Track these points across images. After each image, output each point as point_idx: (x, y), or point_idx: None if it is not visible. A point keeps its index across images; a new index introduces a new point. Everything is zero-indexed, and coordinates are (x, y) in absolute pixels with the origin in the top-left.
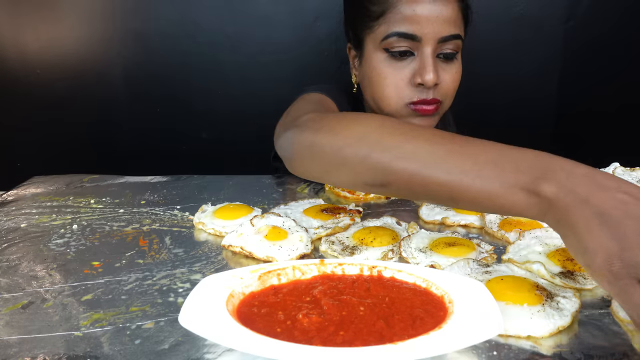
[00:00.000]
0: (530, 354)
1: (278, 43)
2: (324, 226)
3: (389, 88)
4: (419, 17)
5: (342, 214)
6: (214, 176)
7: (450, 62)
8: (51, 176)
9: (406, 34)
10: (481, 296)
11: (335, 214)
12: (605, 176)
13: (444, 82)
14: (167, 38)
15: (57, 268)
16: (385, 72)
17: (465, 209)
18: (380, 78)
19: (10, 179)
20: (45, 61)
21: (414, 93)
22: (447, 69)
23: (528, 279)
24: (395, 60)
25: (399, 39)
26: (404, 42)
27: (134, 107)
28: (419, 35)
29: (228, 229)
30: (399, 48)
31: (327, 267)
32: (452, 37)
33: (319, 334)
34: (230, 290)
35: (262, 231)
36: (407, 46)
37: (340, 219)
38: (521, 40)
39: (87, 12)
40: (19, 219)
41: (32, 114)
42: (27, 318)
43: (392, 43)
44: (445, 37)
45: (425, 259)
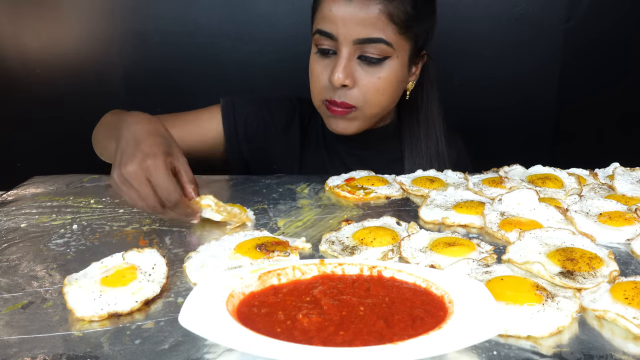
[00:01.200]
0: (530, 354)
1: (278, 43)
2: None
3: (313, 83)
4: (335, 17)
5: (278, 252)
6: (214, 176)
7: (374, 66)
8: (51, 176)
9: (325, 32)
10: (481, 296)
11: (269, 251)
12: (138, 132)
13: (363, 85)
14: (167, 38)
15: (57, 268)
16: (313, 68)
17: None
18: (310, 73)
19: (10, 179)
20: (45, 61)
21: (328, 91)
22: (369, 72)
23: (528, 279)
24: (322, 57)
25: (321, 36)
26: (325, 40)
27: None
28: (335, 34)
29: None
30: (322, 45)
31: (327, 267)
32: (370, 40)
33: (319, 334)
34: (230, 290)
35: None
36: (328, 45)
37: (272, 257)
38: (521, 40)
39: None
40: (19, 219)
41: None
42: (27, 318)
43: (317, 40)
44: (361, 39)
45: (425, 259)
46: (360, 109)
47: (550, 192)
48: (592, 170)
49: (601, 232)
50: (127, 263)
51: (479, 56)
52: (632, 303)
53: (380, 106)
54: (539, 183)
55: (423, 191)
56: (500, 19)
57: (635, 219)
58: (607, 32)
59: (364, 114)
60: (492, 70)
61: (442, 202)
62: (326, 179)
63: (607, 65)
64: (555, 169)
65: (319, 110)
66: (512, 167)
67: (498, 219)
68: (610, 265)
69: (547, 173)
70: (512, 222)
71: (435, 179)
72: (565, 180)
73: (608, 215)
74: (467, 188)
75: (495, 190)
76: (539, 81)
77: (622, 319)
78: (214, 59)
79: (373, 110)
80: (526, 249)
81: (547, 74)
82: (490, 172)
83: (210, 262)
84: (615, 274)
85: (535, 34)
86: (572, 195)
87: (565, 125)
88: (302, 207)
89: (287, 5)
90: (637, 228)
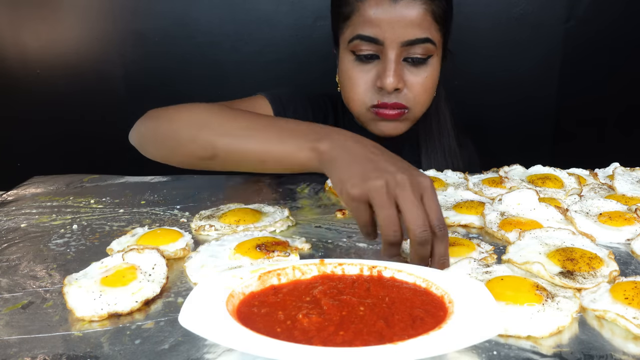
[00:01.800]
0: (530, 354)
1: (278, 43)
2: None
3: (354, 90)
4: (380, 20)
5: (277, 252)
6: (213, 176)
7: (419, 66)
8: (51, 176)
9: (369, 37)
10: (481, 296)
11: (269, 251)
12: (367, 140)
13: (411, 87)
14: (167, 38)
15: (57, 268)
16: (351, 74)
17: (271, 170)
18: (348, 80)
19: (10, 179)
20: (45, 61)
21: (376, 96)
22: (416, 72)
23: (528, 279)
24: (362, 63)
25: (362, 42)
26: (367, 46)
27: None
28: (381, 39)
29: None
30: (364, 51)
31: (327, 267)
32: (418, 41)
33: (319, 334)
34: (230, 290)
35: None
36: (371, 49)
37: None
38: (521, 40)
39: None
40: (19, 219)
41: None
42: (27, 318)
43: (357, 46)
44: (409, 40)
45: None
46: (411, 110)
47: (550, 192)
48: (592, 170)
49: (601, 232)
50: (127, 263)
51: (479, 55)
52: (632, 303)
53: (426, 105)
54: (539, 183)
55: None
56: (500, 18)
57: (635, 219)
58: (607, 32)
59: (414, 115)
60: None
61: (442, 202)
62: (326, 179)
63: (607, 64)
64: (555, 169)
65: (362, 117)
66: (512, 167)
67: (498, 219)
68: (610, 265)
69: (547, 173)
70: (512, 222)
71: (435, 179)
72: (565, 180)
73: (608, 215)
74: (467, 188)
75: (495, 190)
76: (538, 81)
77: (622, 319)
78: (214, 59)
79: (422, 109)
80: (526, 249)
81: (547, 74)
82: (490, 172)
83: (210, 262)
84: (615, 274)
85: (535, 33)
86: (572, 195)
87: (565, 125)
88: (302, 207)
89: (287, 5)
90: (637, 228)
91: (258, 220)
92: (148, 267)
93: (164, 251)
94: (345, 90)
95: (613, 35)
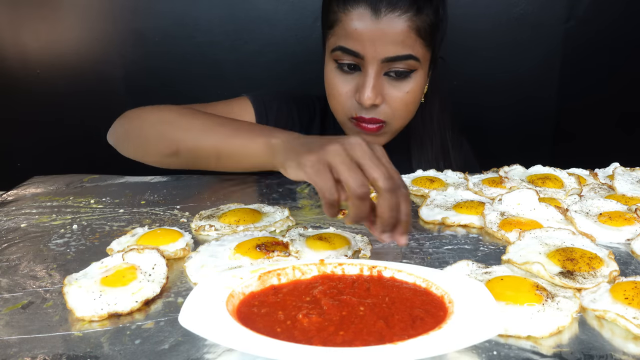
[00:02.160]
0: (530, 354)
1: (278, 43)
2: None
3: (335, 99)
4: (361, 34)
5: (277, 252)
6: (213, 176)
7: (402, 80)
8: (51, 176)
9: (349, 50)
10: (481, 296)
11: (269, 251)
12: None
13: (391, 101)
14: (167, 38)
15: (57, 268)
16: (333, 82)
17: (227, 165)
18: (330, 87)
19: (10, 179)
20: (45, 61)
21: (354, 108)
22: (397, 87)
23: (528, 279)
24: (343, 72)
25: (343, 53)
26: (348, 57)
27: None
28: (362, 53)
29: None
30: (343, 61)
31: (327, 267)
32: (399, 58)
33: (319, 334)
34: (230, 290)
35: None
36: (352, 61)
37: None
38: (521, 40)
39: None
40: (19, 219)
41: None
42: (27, 318)
43: (339, 56)
44: (389, 57)
45: None
46: (389, 124)
47: (550, 192)
48: (592, 170)
49: (601, 232)
50: (127, 263)
51: (478, 56)
52: (632, 303)
53: (407, 119)
54: (539, 183)
55: (423, 191)
56: (500, 18)
57: (635, 219)
58: (607, 32)
59: (392, 129)
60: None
61: (442, 202)
62: None
63: (607, 64)
64: (555, 169)
65: (344, 126)
66: (512, 167)
67: (498, 219)
68: (610, 265)
69: (547, 173)
70: (512, 222)
71: (435, 179)
72: (565, 180)
73: (608, 215)
74: (467, 188)
75: (495, 190)
76: (539, 81)
77: (622, 319)
78: (213, 59)
79: (401, 123)
80: (526, 249)
81: (547, 74)
82: (490, 172)
83: (210, 262)
84: (615, 274)
85: (535, 33)
86: (572, 195)
87: (565, 125)
88: (302, 208)
89: (287, 5)
90: (637, 228)
91: (258, 220)
92: (148, 267)
93: (164, 251)
94: (328, 96)
95: (613, 35)
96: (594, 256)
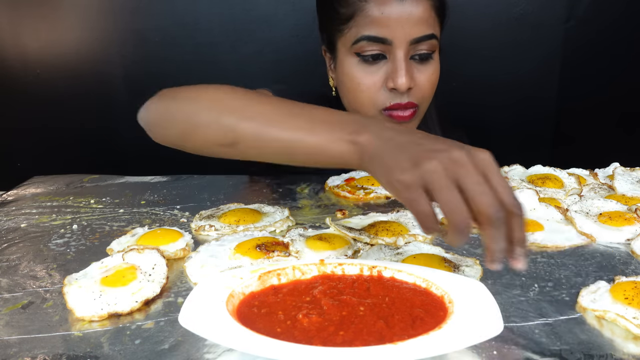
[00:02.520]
0: (530, 353)
1: (278, 43)
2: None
3: (362, 94)
4: (388, 19)
5: (277, 252)
6: (214, 176)
7: (426, 62)
8: (51, 176)
9: (376, 38)
10: (481, 296)
11: (269, 251)
12: (406, 129)
13: (420, 84)
14: (167, 38)
15: (57, 268)
16: (357, 77)
17: (299, 162)
18: (354, 84)
19: (10, 179)
20: (45, 61)
21: (387, 98)
22: (423, 70)
23: (436, 255)
24: (368, 64)
25: (369, 42)
26: (374, 46)
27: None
28: (390, 38)
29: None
30: (370, 52)
31: (327, 267)
32: (425, 38)
33: (319, 334)
34: (230, 290)
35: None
36: (378, 50)
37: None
38: (521, 40)
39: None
40: (19, 219)
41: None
42: (27, 318)
43: (363, 47)
44: (417, 38)
45: None
46: (420, 108)
47: (550, 192)
48: (592, 170)
49: (601, 232)
50: (127, 263)
51: (478, 56)
52: (632, 303)
53: (429, 102)
54: (539, 183)
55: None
56: (500, 18)
57: (635, 219)
58: (607, 32)
59: (421, 114)
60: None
61: None
62: (326, 179)
63: (608, 64)
64: (555, 169)
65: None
66: (512, 167)
67: None
68: None
69: (547, 173)
70: None
71: None
72: (565, 180)
73: (608, 215)
74: None
75: None
76: (539, 81)
77: (622, 319)
78: (213, 59)
79: (427, 106)
80: None
81: (547, 74)
82: None
83: (210, 262)
84: None
85: (535, 34)
86: (572, 195)
87: (565, 125)
88: (302, 208)
89: (287, 5)
90: (637, 228)
91: (258, 220)
92: (148, 267)
93: (164, 251)
94: (350, 94)
95: (613, 35)
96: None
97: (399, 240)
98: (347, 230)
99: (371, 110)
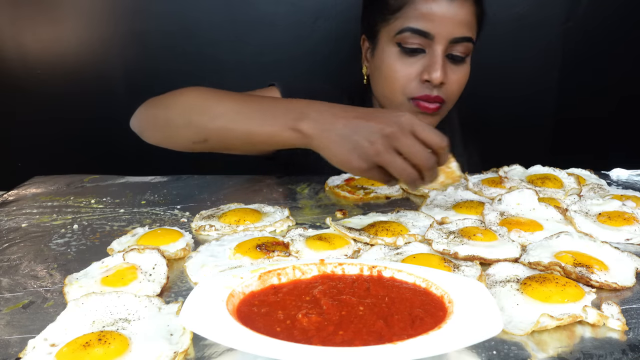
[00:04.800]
0: (530, 353)
1: (278, 43)
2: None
3: (397, 82)
4: (434, 15)
5: (278, 252)
6: (214, 176)
7: (458, 64)
8: (52, 176)
9: (420, 31)
10: (481, 296)
11: (269, 251)
12: (343, 108)
13: (450, 82)
14: (167, 38)
15: (57, 268)
16: (395, 66)
17: (261, 150)
18: (390, 71)
19: (10, 179)
20: (46, 61)
21: (418, 88)
22: (455, 70)
23: (435, 255)
24: (406, 55)
25: (412, 34)
26: (416, 39)
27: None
28: (432, 33)
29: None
30: (411, 44)
31: (327, 267)
32: (463, 39)
33: (319, 333)
34: (230, 290)
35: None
36: (419, 43)
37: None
38: (521, 41)
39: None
40: (19, 219)
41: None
42: (28, 317)
43: (405, 38)
44: (457, 38)
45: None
46: (445, 105)
47: (549, 192)
48: (592, 170)
49: (600, 232)
50: (127, 263)
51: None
52: None
53: (454, 102)
54: (539, 183)
55: (423, 191)
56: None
57: (634, 219)
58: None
59: (446, 110)
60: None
61: (442, 202)
62: (326, 179)
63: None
64: (554, 169)
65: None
66: (512, 167)
67: (498, 218)
68: None
69: (546, 173)
70: (512, 222)
71: None
72: (564, 180)
73: (607, 215)
74: (467, 188)
75: (495, 190)
76: (538, 81)
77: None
78: (214, 59)
79: (451, 106)
80: None
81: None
82: (490, 172)
83: (210, 262)
84: None
85: (535, 34)
86: (572, 195)
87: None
88: (302, 208)
89: (287, 5)
90: (636, 228)
91: (258, 220)
92: (148, 267)
93: (164, 251)
94: (385, 81)
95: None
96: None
97: (398, 240)
98: (347, 230)
99: (400, 98)
